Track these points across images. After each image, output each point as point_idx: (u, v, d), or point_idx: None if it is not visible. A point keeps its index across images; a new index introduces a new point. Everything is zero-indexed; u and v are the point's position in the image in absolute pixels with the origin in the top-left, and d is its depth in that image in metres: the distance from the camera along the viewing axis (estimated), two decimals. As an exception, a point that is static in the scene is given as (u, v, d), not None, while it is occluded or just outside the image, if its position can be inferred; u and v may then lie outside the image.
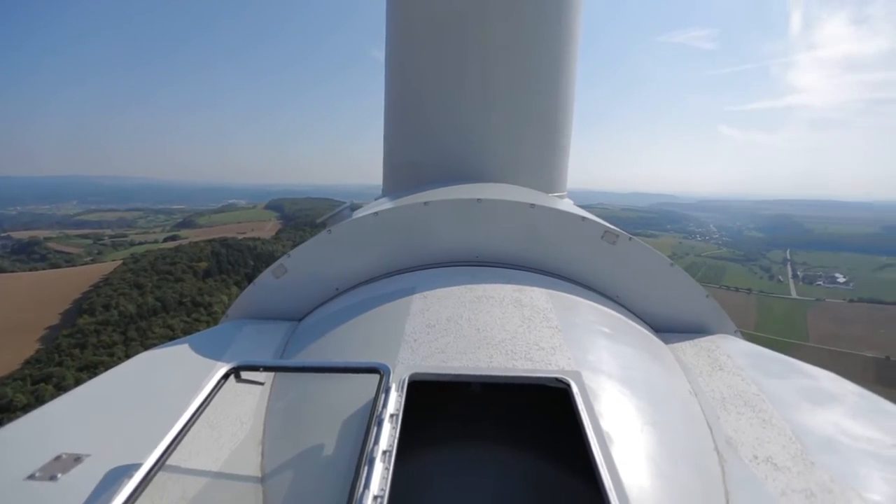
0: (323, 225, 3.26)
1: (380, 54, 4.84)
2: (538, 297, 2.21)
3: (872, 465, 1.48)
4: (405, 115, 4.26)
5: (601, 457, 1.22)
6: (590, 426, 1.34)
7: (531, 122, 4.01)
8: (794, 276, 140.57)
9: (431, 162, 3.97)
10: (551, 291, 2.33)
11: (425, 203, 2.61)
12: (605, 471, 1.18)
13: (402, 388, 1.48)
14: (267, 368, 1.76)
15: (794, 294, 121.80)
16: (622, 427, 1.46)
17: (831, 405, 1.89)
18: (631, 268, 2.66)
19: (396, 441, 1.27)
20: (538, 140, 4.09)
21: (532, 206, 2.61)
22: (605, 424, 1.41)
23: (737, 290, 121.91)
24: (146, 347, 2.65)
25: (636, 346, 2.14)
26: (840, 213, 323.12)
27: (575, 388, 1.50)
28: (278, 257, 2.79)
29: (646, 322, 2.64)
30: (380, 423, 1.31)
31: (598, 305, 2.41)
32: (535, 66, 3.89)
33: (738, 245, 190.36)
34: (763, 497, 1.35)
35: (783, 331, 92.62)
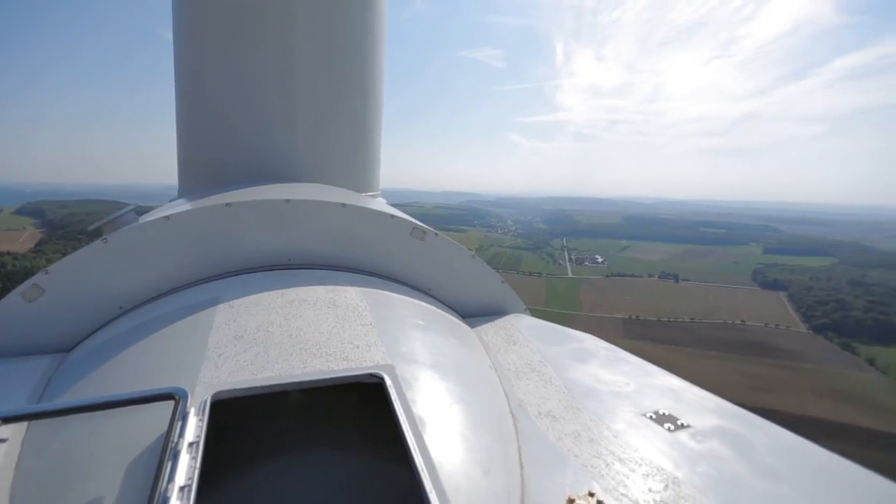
0: (98, 233, 2.77)
1: (168, 34, 4.22)
2: (352, 297, 2.19)
3: (617, 402, 1.84)
4: (200, 108, 3.78)
5: (414, 441, 1.29)
6: (402, 415, 1.39)
7: (340, 121, 3.85)
8: (570, 259, 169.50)
9: (233, 160, 3.62)
10: (365, 289, 2.32)
11: (227, 204, 2.40)
12: (418, 453, 1.25)
13: (204, 411, 1.33)
14: (8, 419, 1.24)
15: (570, 274, 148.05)
16: (434, 409, 1.53)
17: (591, 361, 2.24)
18: (438, 261, 2.77)
19: (198, 472, 1.12)
20: (348, 139, 3.95)
21: (343, 205, 2.58)
22: (419, 410, 1.48)
23: (531, 274, 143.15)
24: None
25: (445, 333, 2.22)
26: (596, 208, 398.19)
27: (388, 381, 1.55)
28: None
29: (454, 310, 2.79)
30: (175, 457, 1.14)
31: (410, 299, 2.46)
32: (342, 63, 3.73)
33: (529, 236, 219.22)
34: (545, 445, 1.56)
35: (565, 304, 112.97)
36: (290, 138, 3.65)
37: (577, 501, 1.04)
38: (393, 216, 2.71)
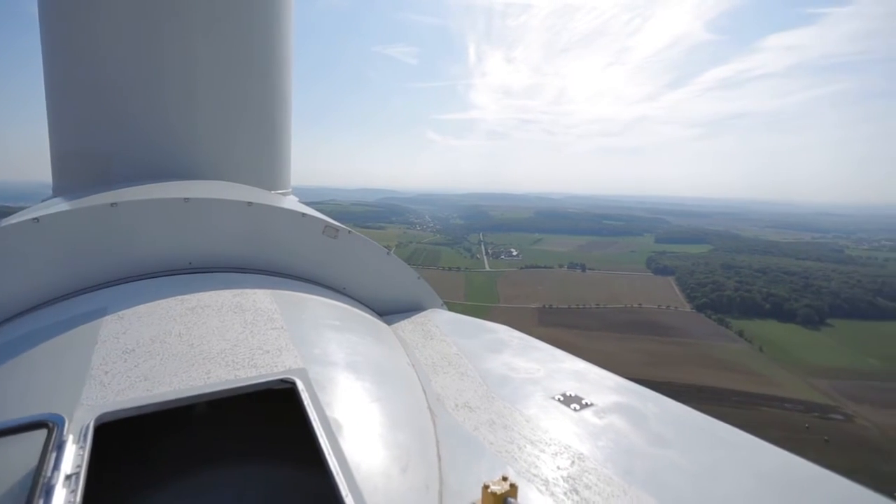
0: None
1: (33, 8, 3.82)
2: (261, 300, 2.08)
3: (529, 388, 1.92)
4: (79, 94, 3.31)
5: (328, 445, 1.26)
6: (316, 419, 1.35)
7: (245, 115, 3.65)
8: (487, 253, 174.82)
9: (121, 155, 3.26)
10: (275, 291, 2.22)
11: (112, 204, 2.17)
12: (332, 457, 1.23)
13: (85, 437, 1.18)
14: None
15: (487, 267, 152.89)
16: (350, 411, 1.50)
17: (505, 351, 2.32)
18: (353, 260, 2.71)
19: None
20: (255, 134, 3.76)
21: (249, 203, 2.45)
22: (334, 412, 1.45)
23: (450, 269, 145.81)
24: None
25: (361, 332, 2.17)
26: (510, 203, 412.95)
27: (300, 385, 1.50)
28: None
29: (371, 308, 2.75)
30: (48, 492, 0.99)
31: (324, 299, 2.40)
32: (247, 51, 3.55)
33: (447, 232, 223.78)
34: (462, 436, 1.59)
35: (483, 297, 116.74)
36: (189, 130, 3.38)
37: (492, 487, 1.10)
38: (304, 214, 2.61)
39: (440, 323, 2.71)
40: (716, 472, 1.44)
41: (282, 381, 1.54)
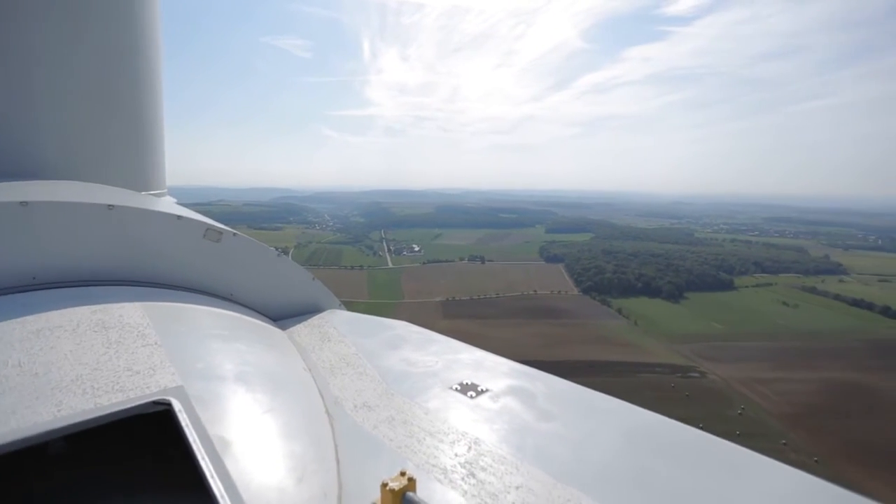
0: None
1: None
2: (130, 315, 1.84)
3: (428, 381, 1.93)
4: None
5: (211, 467, 1.17)
6: (197, 440, 1.25)
7: (106, 109, 3.32)
8: (389, 250, 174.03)
9: None
10: (149, 304, 1.98)
11: None
12: (216, 479, 1.15)
13: None
14: None
15: (390, 264, 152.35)
16: (238, 426, 1.41)
17: (404, 346, 2.32)
18: (239, 264, 2.55)
19: None
20: (119, 131, 3.42)
21: (110, 207, 2.15)
22: (220, 430, 1.34)
23: (352, 268, 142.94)
24: None
25: (251, 340, 2.07)
26: (410, 199, 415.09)
27: (177, 406, 1.36)
28: None
29: (263, 313, 2.63)
30: None
31: (208, 308, 2.23)
32: (98, 36, 3.19)
33: (348, 230, 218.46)
34: (361, 436, 1.56)
35: (388, 294, 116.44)
36: (30, 126, 2.97)
37: (390, 484, 1.10)
38: (180, 217, 2.39)
39: (338, 324, 2.65)
40: (593, 437, 1.57)
41: (155, 403, 1.39)
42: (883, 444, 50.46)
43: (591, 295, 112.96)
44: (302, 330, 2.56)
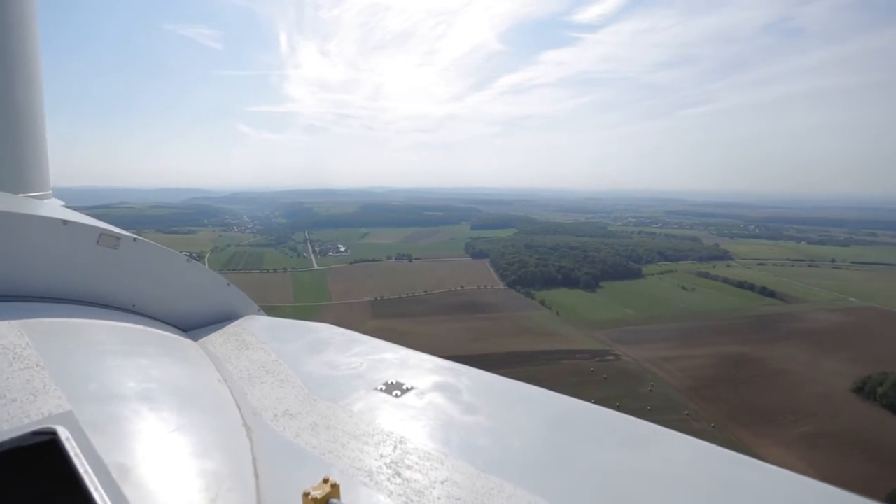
0: None
1: None
2: (4, 335, 1.61)
3: (352, 383, 1.90)
4: None
5: (105, 498, 1.04)
6: (88, 471, 1.10)
7: None
8: (314, 251, 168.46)
9: None
10: (29, 321, 1.75)
11: None
12: None
13: None
14: None
15: (315, 266, 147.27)
16: (140, 449, 1.27)
17: (327, 350, 2.25)
18: (142, 271, 2.34)
19: None
20: None
21: None
22: (117, 456, 1.19)
23: (275, 271, 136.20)
24: None
25: (156, 354, 1.92)
26: (334, 199, 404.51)
27: (64, 434, 1.18)
28: None
29: (171, 324, 2.45)
30: None
31: (105, 322, 2.02)
32: None
33: (269, 231, 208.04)
34: (282, 446, 1.49)
35: (314, 296, 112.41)
36: None
37: (312, 492, 1.06)
38: (66, 221, 2.13)
39: (256, 330, 2.53)
40: (515, 426, 1.62)
41: (35, 434, 1.20)
42: (764, 406, 57.26)
43: (516, 288, 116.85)
44: (217, 339, 2.43)
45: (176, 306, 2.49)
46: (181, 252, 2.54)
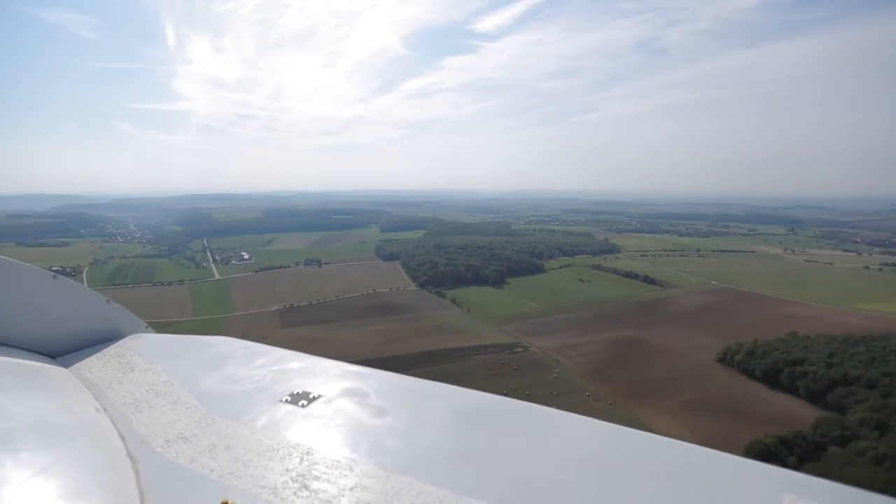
0: None
1: None
2: None
3: (255, 397, 1.78)
4: None
5: None
6: None
7: None
8: (214, 260, 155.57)
9: None
10: None
11: None
12: None
13: None
14: None
15: (217, 276, 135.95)
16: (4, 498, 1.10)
17: (226, 364, 2.10)
18: None
19: None
20: None
21: None
22: None
23: (170, 283, 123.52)
24: None
25: (13, 388, 1.73)
26: (236, 204, 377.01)
27: None
28: None
29: (36, 351, 2.18)
30: None
31: None
32: None
33: (161, 241, 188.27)
34: (176, 474, 1.37)
35: (216, 308, 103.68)
36: None
37: None
38: None
39: (143, 350, 2.29)
40: (423, 424, 1.61)
41: None
42: (649, 381, 63.50)
43: (428, 288, 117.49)
44: (94, 364, 2.18)
45: (41, 330, 2.20)
46: (49, 267, 2.10)
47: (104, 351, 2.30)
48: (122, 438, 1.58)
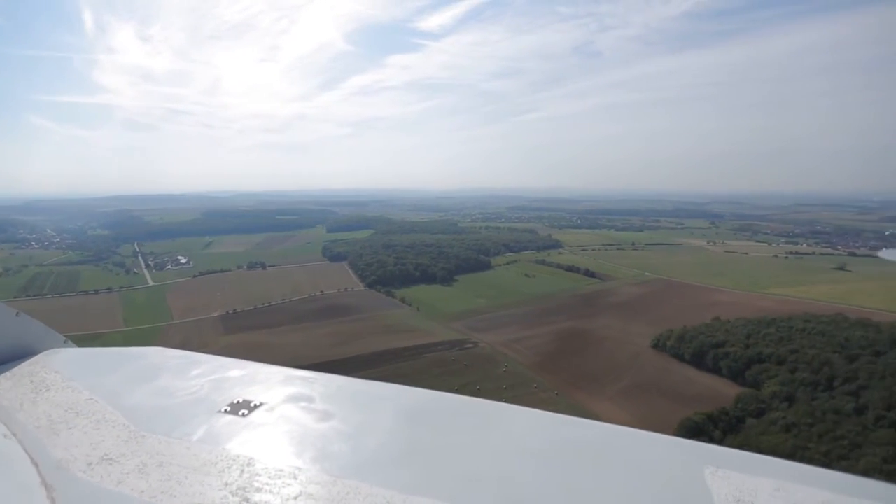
0: None
1: None
2: None
3: (191, 409, 1.70)
4: None
5: None
6: None
7: None
8: (147, 265, 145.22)
9: None
10: None
11: None
12: None
13: None
14: None
15: (150, 282, 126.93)
16: None
17: (159, 376, 1.96)
18: None
19: None
20: None
21: None
22: None
23: (97, 292, 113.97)
24: None
25: None
26: (170, 205, 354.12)
27: None
28: None
29: None
30: None
31: None
32: None
33: (85, 246, 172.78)
34: (100, 497, 1.28)
35: (151, 317, 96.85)
36: None
37: None
38: None
39: (61, 366, 2.12)
40: (369, 425, 1.58)
41: None
42: (592, 370, 66.62)
43: (377, 288, 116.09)
44: (3, 383, 2.02)
45: None
46: None
47: (14, 370, 2.12)
48: (36, 465, 1.45)
